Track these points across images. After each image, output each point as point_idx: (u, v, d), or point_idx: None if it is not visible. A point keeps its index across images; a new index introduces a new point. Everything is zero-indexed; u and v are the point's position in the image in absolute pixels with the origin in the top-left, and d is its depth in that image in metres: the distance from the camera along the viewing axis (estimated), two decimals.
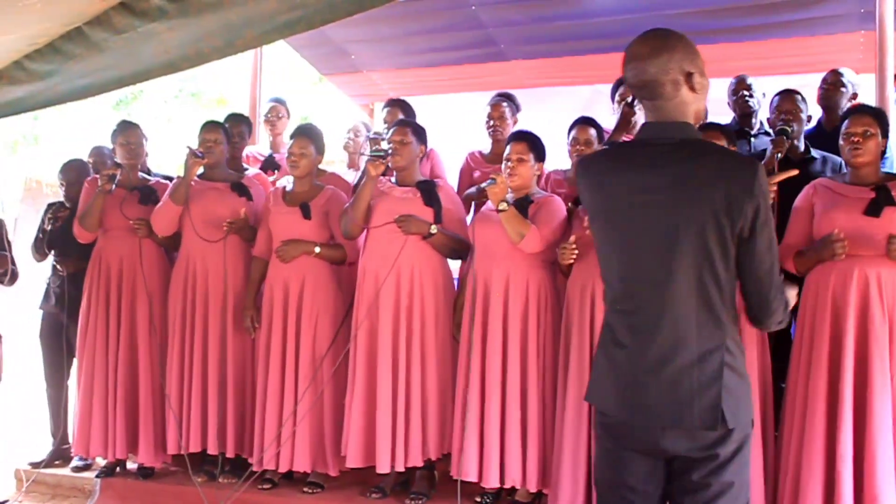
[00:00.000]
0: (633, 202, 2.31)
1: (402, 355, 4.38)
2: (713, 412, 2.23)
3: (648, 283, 2.30)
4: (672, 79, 2.29)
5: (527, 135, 4.41)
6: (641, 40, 2.35)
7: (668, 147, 2.29)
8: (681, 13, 6.10)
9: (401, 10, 5.85)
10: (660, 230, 2.27)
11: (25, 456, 5.45)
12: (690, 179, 2.25)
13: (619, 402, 2.36)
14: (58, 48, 4.83)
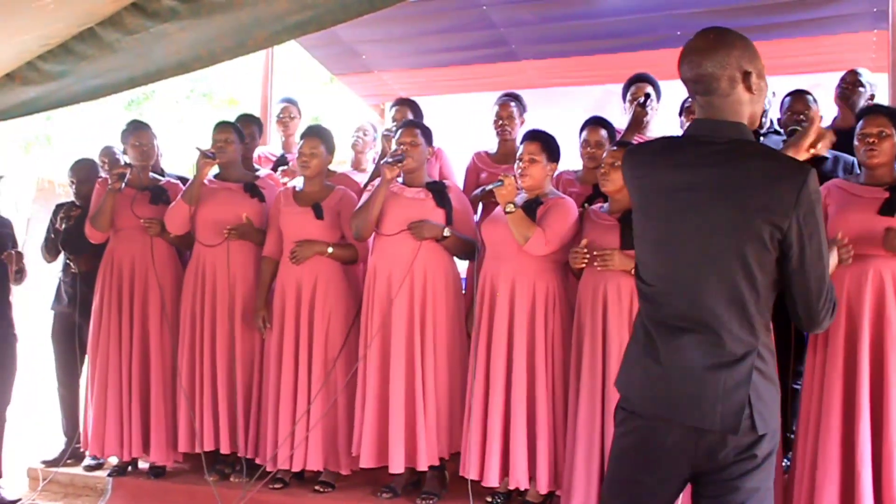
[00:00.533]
0: (673, 199, 2.27)
1: (416, 356, 4.39)
2: (737, 416, 2.19)
3: (683, 284, 2.27)
4: (729, 75, 2.25)
5: (540, 134, 4.36)
6: (702, 34, 2.30)
7: (717, 146, 2.24)
8: (692, 13, 6.08)
9: (412, 10, 5.86)
10: (698, 231, 2.23)
11: (39, 455, 5.47)
12: (734, 182, 2.20)
13: (646, 398, 2.33)
14: (70, 49, 4.84)
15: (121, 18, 4.59)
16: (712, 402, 2.20)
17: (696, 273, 2.24)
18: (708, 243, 2.22)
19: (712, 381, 2.21)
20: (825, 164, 4.48)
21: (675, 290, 2.28)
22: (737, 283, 2.20)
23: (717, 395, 2.20)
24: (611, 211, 4.15)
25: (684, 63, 2.31)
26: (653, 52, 6.47)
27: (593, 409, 4.01)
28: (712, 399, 2.20)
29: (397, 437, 4.34)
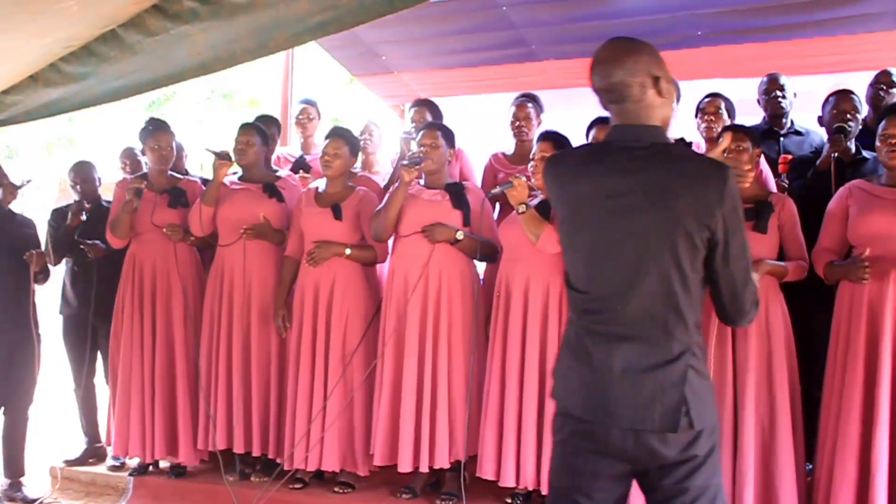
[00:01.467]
0: (604, 206, 2.30)
1: (428, 357, 4.39)
2: (674, 415, 2.23)
3: (619, 288, 2.29)
4: (640, 81, 2.33)
5: (554, 134, 4.38)
6: (609, 45, 2.39)
7: (640, 151, 2.30)
8: (713, 12, 6.05)
9: (432, 11, 5.85)
10: (630, 235, 2.27)
11: (61, 454, 5.51)
12: (661, 185, 2.25)
13: (585, 404, 2.34)
14: (92, 50, 4.87)
15: (142, 20, 4.61)
16: (650, 402, 2.24)
17: (633, 276, 2.27)
18: (642, 246, 2.26)
19: (650, 382, 2.25)
20: (866, 166, 4.44)
21: (611, 295, 2.31)
22: (671, 283, 2.25)
23: (655, 395, 2.24)
24: None
25: (595, 74, 2.40)
26: (673, 52, 6.41)
27: None
28: (650, 400, 2.24)
29: (407, 437, 4.35)
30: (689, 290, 2.27)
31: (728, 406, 3.90)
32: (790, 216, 3.99)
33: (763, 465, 3.87)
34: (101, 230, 5.13)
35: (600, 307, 2.33)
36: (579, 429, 2.36)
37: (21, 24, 4.45)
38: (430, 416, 4.37)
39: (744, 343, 3.91)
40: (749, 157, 4.00)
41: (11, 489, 5.10)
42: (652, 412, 2.24)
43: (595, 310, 2.34)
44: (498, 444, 4.26)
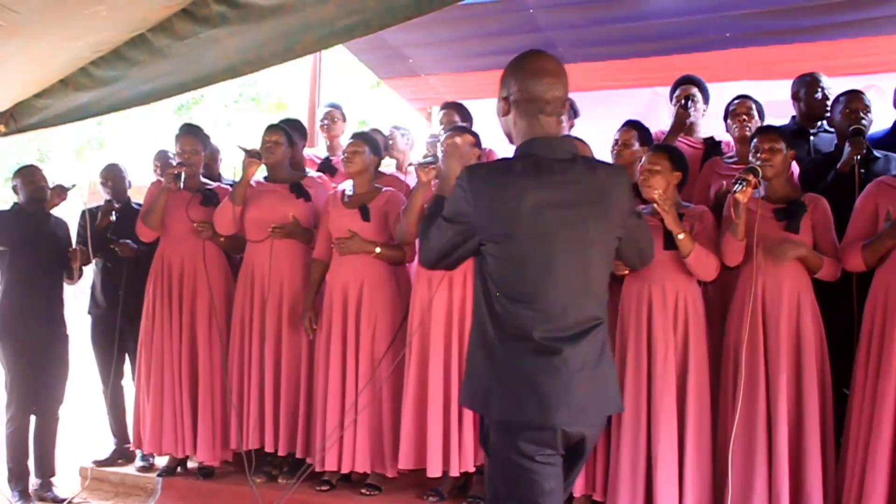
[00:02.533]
0: (549, 218, 2.38)
1: (453, 358, 4.38)
2: (617, 399, 2.54)
3: (562, 296, 2.40)
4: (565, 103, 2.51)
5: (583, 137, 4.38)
6: (550, 58, 2.51)
7: (567, 163, 2.43)
8: (742, 14, 6.02)
9: (458, 13, 5.85)
10: (577, 244, 2.41)
11: (90, 454, 5.56)
12: (596, 193, 2.43)
13: (545, 411, 2.37)
14: (122, 54, 4.91)
15: (171, 24, 4.64)
16: (607, 394, 2.48)
17: (576, 284, 2.41)
18: (584, 254, 2.42)
19: (602, 376, 2.45)
20: (876, 165, 4.40)
21: (553, 304, 2.40)
22: (605, 285, 2.49)
23: (608, 386, 2.49)
24: (653, 212, 4.13)
25: (546, 83, 2.46)
26: (702, 54, 6.41)
27: (638, 414, 3.99)
28: (607, 393, 2.48)
29: (435, 441, 4.34)
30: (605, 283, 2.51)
31: (761, 405, 3.88)
32: (824, 216, 3.96)
33: (794, 464, 3.84)
34: (131, 232, 5.17)
35: (539, 315, 2.39)
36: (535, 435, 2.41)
37: (52, 29, 4.50)
38: (458, 419, 4.36)
39: (775, 342, 3.89)
40: (783, 158, 3.98)
41: (42, 489, 5.14)
42: (609, 402, 2.50)
43: (533, 318, 2.39)
44: None
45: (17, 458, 5.08)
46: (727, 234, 3.93)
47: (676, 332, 4.01)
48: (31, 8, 4.17)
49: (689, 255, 3.90)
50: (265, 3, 4.29)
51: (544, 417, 2.38)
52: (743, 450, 3.88)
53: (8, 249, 5.09)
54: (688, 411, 3.96)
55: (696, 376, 3.99)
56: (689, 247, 3.90)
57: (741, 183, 3.76)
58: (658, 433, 3.94)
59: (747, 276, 3.95)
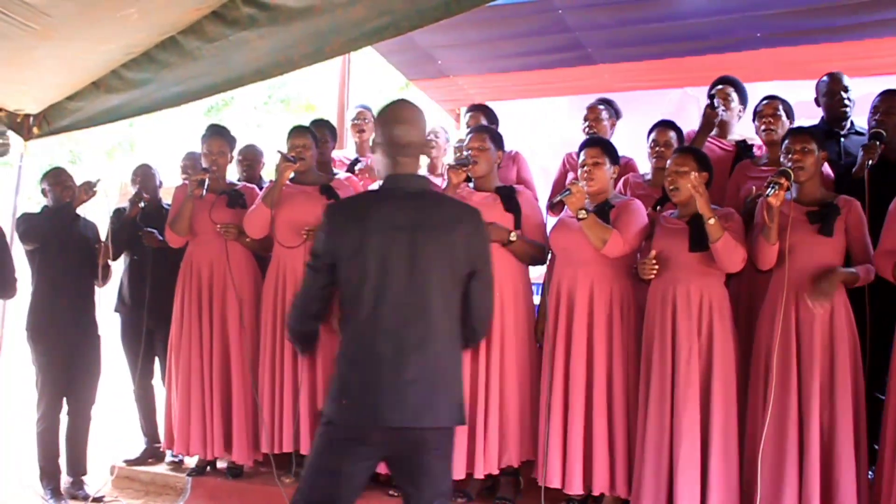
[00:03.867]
0: (391, 239, 2.74)
1: (480, 362, 4.37)
2: (461, 409, 2.80)
3: (404, 306, 2.72)
4: (423, 143, 2.96)
5: (599, 140, 4.43)
6: (406, 105, 2.91)
7: (417, 195, 2.82)
8: (772, 14, 5.97)
9: (487, 14, 5.85)
10: (415, 263, 2.72)
11: (121, 453, 5.60)
12: (439, 221, 2.78)
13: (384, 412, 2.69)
14: (153, 57, 4.94)
15: (201, 27, 4.67)
16: (446, 402, 2.74)
17: (421, 301, 2.73)
18: (425, 275, 2.73)
19: (441, 387, 2.74)
20: None
21: (385, 320, 2.73)
22: (448, 304, 2.77)
23: (448, 396, 2.76)
24: (681, 216, 4.10)
25: (401, 128, 2.84)
26: (732, 54, 6.37)
27: (662, 416, 3.97)
28: (445, 401, 2.74)
29: (460, 443, 4.31)
30: (455, 307, 2.80)
31: (793, 410, 3.84)
32: (857, 219, 3.91)
33: (825, 471, 3.80)
34: (160, 231, 5.22)
35: (388, 319, 2.73)
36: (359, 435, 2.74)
37: (84, 32, 4.54)
38: (483, 422, 4.35)
39: (808, 345, 3.85)
40: (815, 159, 3.94)
41: (74, 487, 5.19)
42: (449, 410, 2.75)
43: (384, 330, 2.73)
44: (563, 451, 4.23)
45: (48, 456, 5.13)
46: (760, 237, 3.90)
47: (701, 334, 3.98)
48: (64, 12, 4.21)
49: (718, 241, 3.86)
50: (294, 4, 4.31)
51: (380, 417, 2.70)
52: (773, 456, 3.84)
53: (37, 251, 5.13)
54: (713, 413, 3.93)
55: (722, 378, 3.96)
56: (718, 232, 3.86)
57: (773, 186, 3.72)
58: (681, 435, 3.91)
59: (779, 279, 3.91)
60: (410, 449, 2.76)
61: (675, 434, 3.94)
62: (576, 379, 4.20)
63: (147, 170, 5.69)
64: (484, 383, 4.36)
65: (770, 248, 3.87)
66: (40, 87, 5.40)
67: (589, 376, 4.20)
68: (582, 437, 4.19)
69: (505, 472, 4.46)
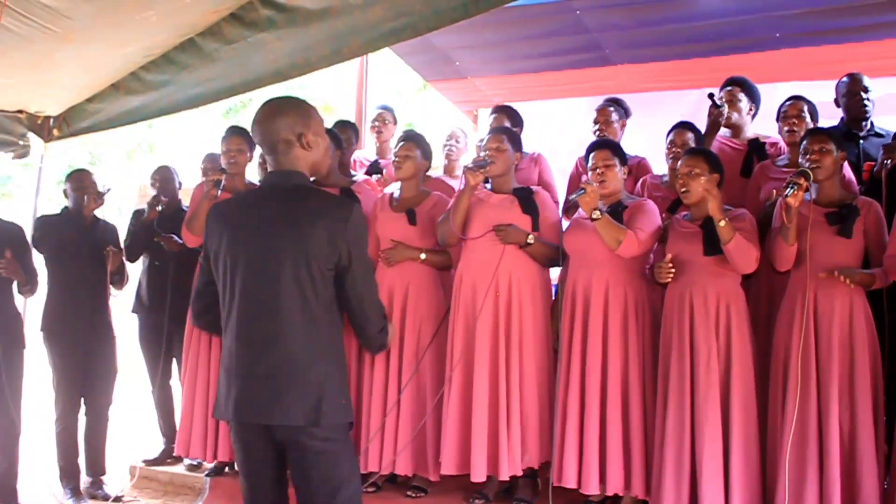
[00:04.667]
0: (254, 233, 2.75)
1: (500, 364, 4.36)
2: (316, 409, 2.67)
3: (262, 303, 2.71)
4: (284, 139, 2.78)
5: (608, 142, 4.44)
6: (262, 108, 2.84)
7: (284, 192, 2.79)
8: (791, 14, 5.95)
9: (505, 16, 5.84)
10: (273, 257, 2.71)
11: (140, 453, 5.63)
12: (295, 217, 2.73)
13: (237, 407, 2.72)
14: (172, 59, 4.97)
15: (220, 29, 4.70)
16: (294, 401, 2.68)
17: (272, 294, 2.70)
18: (278, 269, 2.70)
19: (292, 383, 2.69)
20: None
21: (258, 309, 2.73)
22: (306, 298, 2.70)
23: (298, 395, 2.68)
24: (694, 218, 4.09)
25: (253, 132, 2.85)
26: (751, 54, 6.34)
27: (682, 417, 3.95)
28: (294, 399, 2.68)
29: (480, 445, 4.33)
30: (323, 305, 2.73)
31: (812, 412, 3.81)
32: (876, 220, 3.89)
33: (847, 475, 3.78)
34: (178, 232, 5.23)
35: (252, 320, 2.73)
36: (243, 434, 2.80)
37: (104, 35, 4.57)
38: (504, 423, 4.34)
39: (827, 348, 3.83)
40: (833, 160, 3.92)
41: (93, 487, 5.22)
42: (297, 409, 2.67)
43: (238, 327, 2.74)
44: (579, 451, 4.22)
45: (67, 456, 5.16)
46: (778, 238, 3.88)
47: (719, 337, 3.96)
48: (84, 14, 4.24)
49: (730, 243, 3.85)
50: (312, 6, 4.33)
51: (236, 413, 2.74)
52: (794, 459, 3.82)
53: (52, 253, 5.16)
54: (732, 416, 3.91)
55: (741, 379, 3.94)
56: (730, 234, 3.85)
57: (792, 187, 3.71)
58: (703, 437, 3.89)
59: (799, 281, 3.89)
60: (282, 446, 2.75)
61: (696, 435, 3.92)
62: (591, 379, 4.19)
63: (166, 172, 5.70)
64: (504, 385, 4.35)
65: (788, 249, 3.85)
66: (61, 89, 5.44)
67: (604, 377, 4.19)
68: (598, 438, 4.18)
69: (524, 473, 4.45)
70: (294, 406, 2.68)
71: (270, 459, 2.81)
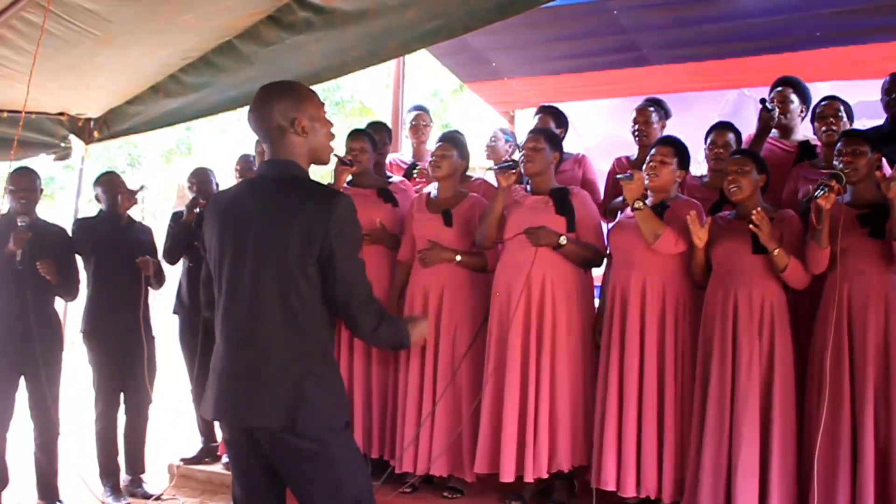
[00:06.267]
0: (239, 225, 2.64)
1: (531, 365, 4.35)
2: (291, 413, 2.53)
3: (243, 300, 2.61)
4: (277, 125, 2.66)
5: (673, 140, 4.36)
6: (257, 94, 2.72)
7: (273, 181, 2.67)
8: (833, 12, 5.86)
9: (542, 16, 5.82)
10: (253, 252, 2.60)
11: (179, 452, 5.69)
12: (278, 208, 2.61)
13: (217, 407, 2.67)
14: (210, 61, 5.01)
15: (257, 31, 4.73)
16: (270, 403, 2.56)
17: (251, 289, 2.60)
18: (258, 262, 2.60)
19: (269, 384, 2.57)
20: None
21: (238, 305, 2.63)
22: (286, 294, 2.57)
23: (276, 396, 2.55)
24: (739, 216, 4.05)
25: (248, 120, 2.74)
26: (791, 54, 6.27)
27: (722, 420, 3.91)
28: (269, 401, 2.56)
29: (509, 446, 4.32)
30: (305, 303, 2.59)
31: (846, 415, 3.77)
32: None
33: (881, 478, 3.73)
34: None
35: (233, 314, 2.65)
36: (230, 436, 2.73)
37: (143, 38, 4.62)
38: (533, 425, 4.34)
39: (861, 350, 3.78)
40: (867, 161, 3.87)
41: (132, 485, 5.27)
42: (274, 412, 2.55)
43: (229, 317, 2.66)
44: (617, 453, 4.21)
45: (107, 454, 5.22)
46: (811, 241, 3.84)
47: (762, 338, 3.92)
48: (125, 18, 4.29)
49: (786, 269, 3.85)
50: (349, 8, 4.34)
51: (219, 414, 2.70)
52: (827, 461, 3.77)
53: (89, 255, 5.22)
54: (773, 419, 3.87)
55: (782, 383, 3.89)
56: (784, 261, 3.84)
57: (823, 188, 3.66)
58: (740, 440, 3.86)
59: (832, 283, 3.85)
60: (266, 449, 2.62)
61: (734, 438, 3.89)
62: (629, 380, 4.17)
63: (203, 174, 5.73)
64: (534, 387, 4.33)
65: (821, 252, 3.80)
66: (101, 91, 5.51)
67: (641, 377, 4.17)
68: (635, 440, 4.16)
69: (559, 475, 4.44)
70: (269, 408, 2.56)
71: (258, 460, 2.67)
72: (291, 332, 2.59)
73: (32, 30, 4.16)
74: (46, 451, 4.97)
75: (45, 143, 6.01)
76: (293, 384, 2.56)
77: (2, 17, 4.13)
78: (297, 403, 2.55)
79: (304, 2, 4.52)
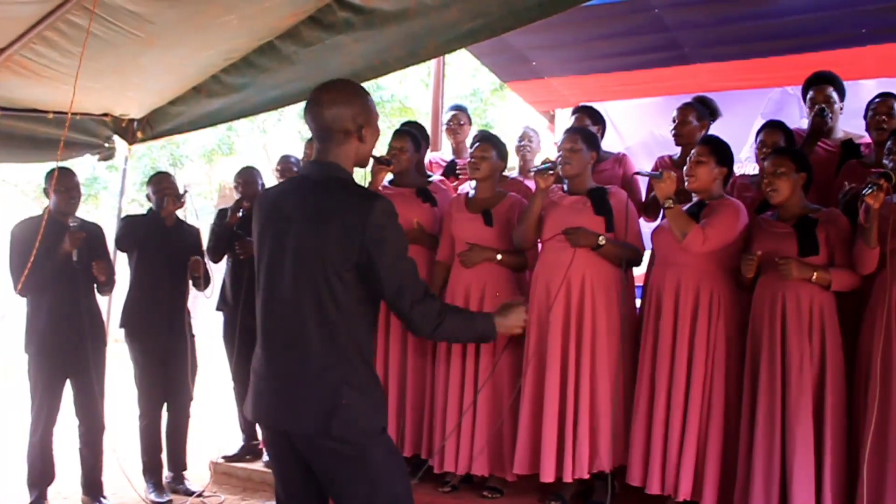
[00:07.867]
0: (279, 227, 2.65)
1: (570, 366, 4.33)
2: (326, 419, 2.52)
3: (281, 301, 2.62)
4: (342, 128, 2.64)
5: (710, 139, 4.33)
6: (325, 87, 2.68)
7: (315, 182, 2.66)
8: (878, 9, 5.78)
9: (582, 15, 5.80)
10: (291, 254, 2.60)
11: (220, 450, 5.74)
12: (318, 212, 2.59)
13: (255, 409, 2.70)
14: (251, 62, 5.05)
15: (298, 31, 4.75)
16: (306, 409, 2.56)
17: (290, 293, 2.60)
18: (296, 267, 2.59)
19: (304, 389, 2.57)
20: None
21: (277, 309, 2.64)
22: (321, 300, 2.56)
23: (310, 402, 2.55)
24: (783, 218, 4.00)
25: (308, 112, 2.69)
26: (836, 51, 6.20)
27: (772, 423, 3.87)
28: (304, 407, 2.56)
29: (549, 446, 4.31)
30: (342, 309, 2.57)
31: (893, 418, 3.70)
32: None
33: None
34: None
35: (273, 319, 2.67)
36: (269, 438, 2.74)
37: (186, 39, 4.66)
38: (573, 425, 4.32)
39: None
40: None
41: (174, 482, 5.33)
42: (309, 417, 2.55)
43: (268, 321, 2.68)
44: (647, 452, 4.19)
45: (150, 451, 5.28)
46: (859, 241, 3.77)
47: (812, 340, 3.87)
48: (168, 19, 4.33)
49: (832, 286, 3.84)
50: (389, 8, 4.35)
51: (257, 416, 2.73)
52: (876, 463, 3.71)
53: (133, 252, 5.29)
54: (825, 422, 3.81)
55: (833, 385, 3.84)
56: (827, 280, 3.83)
57: (871, 187, 3.60)
58: (794, 444, 3.80)
59: (881, 284, 3.79)
60: (304, 452, 2.62)
61: (787, 442, 3.84)
62: (660, 380, 4.16)
63: (249, 174, 5.77)
64: (573, 387, 4.32)
65: (870, 252, 3.73)
66: (144, 92, 5.57)
67: (671, 377, 4.14)
68: (663, 439, 4.15)
69: (599, 476, 4.41)
70: (304, 414, 2.56)
71: (296, 461, 2.67)
72: (328, 337, 2.57)
73: (78, 32, 4.21)
74: (92, 447, 5.03)
75: (90, 144, 6.09)
76: (329, 391, 2.55)
77: (48, 21, 4.19)
78: (331, 410, 2.53)
79: (344, 2, 4.54)
